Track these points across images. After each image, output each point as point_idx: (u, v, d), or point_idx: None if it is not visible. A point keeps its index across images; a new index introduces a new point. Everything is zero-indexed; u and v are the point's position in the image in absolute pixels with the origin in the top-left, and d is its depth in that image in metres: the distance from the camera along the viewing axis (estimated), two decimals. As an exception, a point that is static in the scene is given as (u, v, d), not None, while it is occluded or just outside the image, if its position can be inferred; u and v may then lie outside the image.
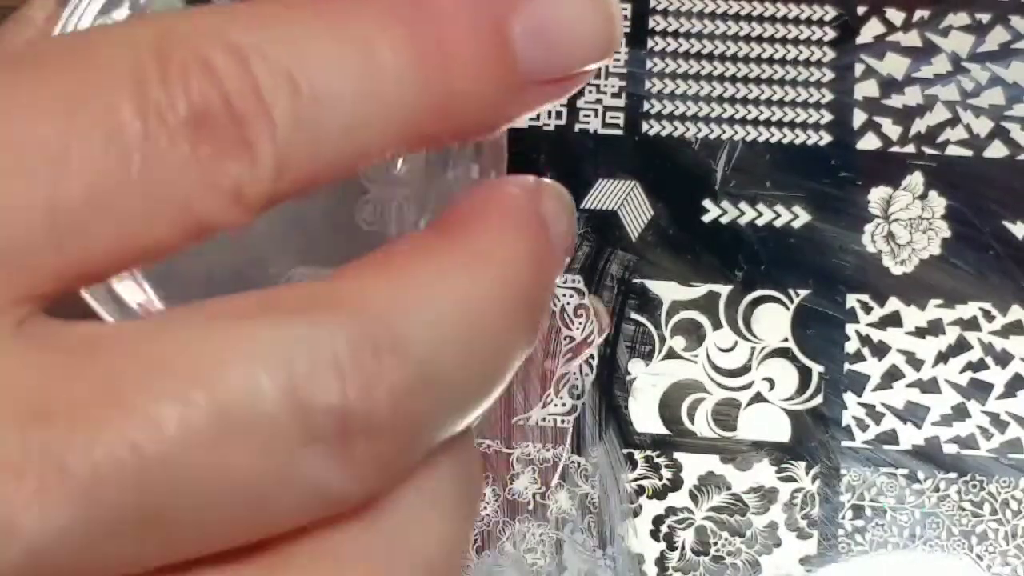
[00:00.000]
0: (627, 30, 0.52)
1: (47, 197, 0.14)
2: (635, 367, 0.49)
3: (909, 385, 0.49)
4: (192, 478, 0.14)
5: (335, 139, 0.15)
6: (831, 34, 0.52)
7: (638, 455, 0.49)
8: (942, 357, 0.49)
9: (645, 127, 0.51)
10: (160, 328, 0.15)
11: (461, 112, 0.16)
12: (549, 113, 0.52)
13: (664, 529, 0.48)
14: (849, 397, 0.49)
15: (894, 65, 0.51)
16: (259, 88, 0.15)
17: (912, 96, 0.51)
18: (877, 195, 0.50)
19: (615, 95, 0.52)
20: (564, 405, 0.49)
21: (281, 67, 0.15)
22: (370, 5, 0.16)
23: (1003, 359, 0.49)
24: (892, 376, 0.49)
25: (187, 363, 0.14)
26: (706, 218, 0.50)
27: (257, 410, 0.14)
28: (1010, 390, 0.49)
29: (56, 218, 0.14)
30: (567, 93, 0.17)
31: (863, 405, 0.49)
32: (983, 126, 0.50)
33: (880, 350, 0.49)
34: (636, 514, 0.48)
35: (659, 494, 0.49)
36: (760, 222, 0.50)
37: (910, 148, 0.51)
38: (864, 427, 0.49)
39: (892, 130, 0.51)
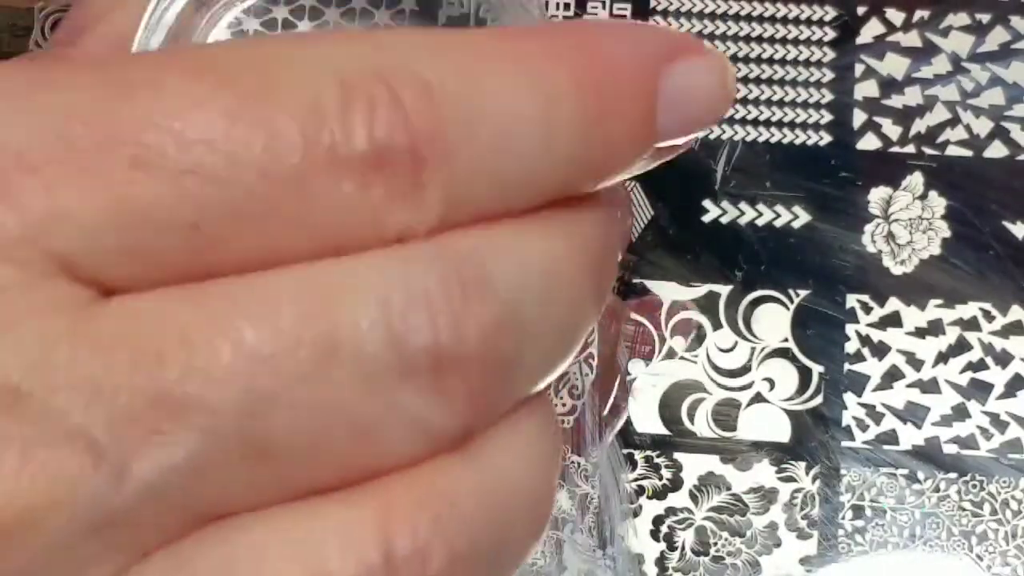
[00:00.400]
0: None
1: (193, 198, 0.14)
2: (635, 367, 0.49)
3: (909, 385, 0.49)
4: (298, 409, 0.14)
5: (502, 190, 0.16)
6: (831, 34, 0.52)
7: (638, 455, 0.49)
8: (942, 357, 0.49)
9: (645, 127, 0.51)
10: (260, 274, 0.15)
11: (599, 166, 0.17)
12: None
13: (664, 529, 0.48)
14: (849, 397, 0.49)
15: (894, 65, 0.51)
16: (445, 133, 0.15)
17: (912, 96, 0.51)
18: (877, 195, 0.50)
19: (615, 95, 0.52)
20: (564, 405, 0.49)
21: (464, 112, 0.15)
22: (549, 56, 0.16)
23: (1003, 359, 0.49)
24: (892, 376, 0.49)
25: (288, 302, 0.15)
26: (706, 218, 0.50)
27: (357, 346, 0.15)
28: (1010, 390, 0.49)
29: (197, 218, 0.14)
30: (667, 158, 0.18)
31: (863, 405, 0.49)
32: (983, 126, 0.50)
33: (880, 350, 0.49)
34: (636, 514, 0.48)
35: (659, 494, 0.49)
36: (760, 222, 0.50)
37: (910, 148, 0.50)
38: (864, 427, 0.49)
39: (892, 130, 0.51)
